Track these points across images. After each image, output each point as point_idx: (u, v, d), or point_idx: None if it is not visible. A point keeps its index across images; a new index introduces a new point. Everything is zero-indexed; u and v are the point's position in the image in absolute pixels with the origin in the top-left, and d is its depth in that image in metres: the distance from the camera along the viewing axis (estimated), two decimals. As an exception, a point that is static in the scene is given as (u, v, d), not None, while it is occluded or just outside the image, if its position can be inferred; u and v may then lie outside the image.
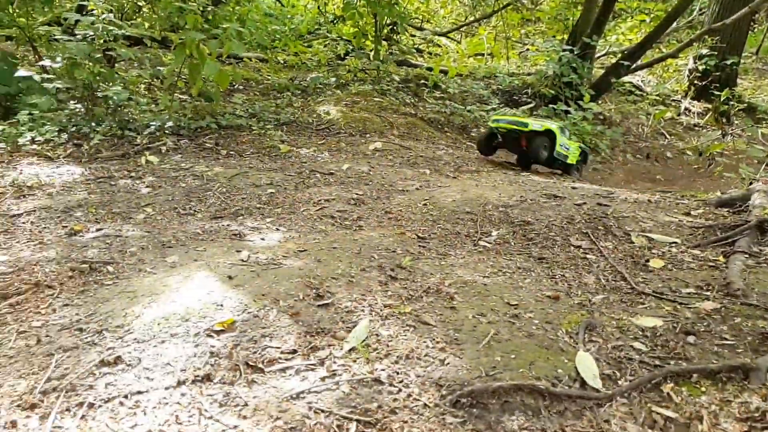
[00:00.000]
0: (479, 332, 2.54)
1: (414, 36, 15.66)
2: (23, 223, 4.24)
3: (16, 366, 2.32)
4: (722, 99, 11.56)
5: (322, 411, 1.99)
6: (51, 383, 2.17)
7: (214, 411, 1.99)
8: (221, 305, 2.70)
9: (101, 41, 7.51)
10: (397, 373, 2.23)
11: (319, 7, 14.41)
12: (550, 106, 10.11)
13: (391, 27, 12.69)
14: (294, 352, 2.37)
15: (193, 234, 4.01)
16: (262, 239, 3.89)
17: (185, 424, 1.93)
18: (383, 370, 2.25)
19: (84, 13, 9.75)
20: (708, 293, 3.01)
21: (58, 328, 2.62)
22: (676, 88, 13.97)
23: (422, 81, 11.26)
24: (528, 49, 15.68)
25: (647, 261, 3.54)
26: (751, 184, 5.16)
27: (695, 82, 13.19)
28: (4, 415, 2.00)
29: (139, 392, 2.10)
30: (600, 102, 11.17)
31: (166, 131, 7.19)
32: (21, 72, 7.72)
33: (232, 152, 6.67)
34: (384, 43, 12.00)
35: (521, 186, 5.41)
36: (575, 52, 10.42)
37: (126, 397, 2.08)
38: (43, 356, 2.38)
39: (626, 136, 11.14)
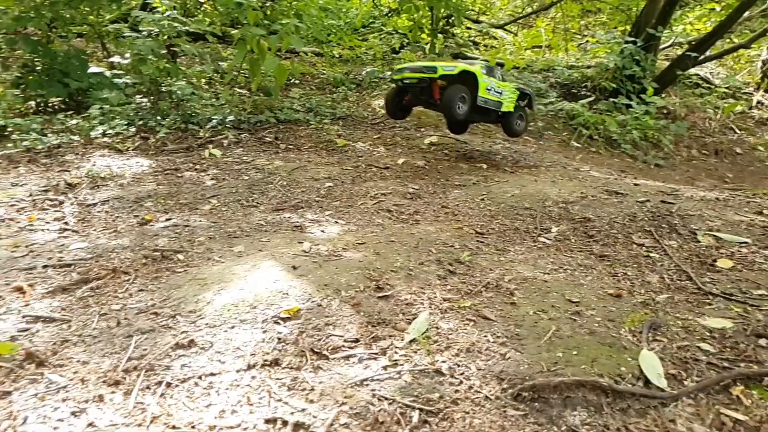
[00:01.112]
0: (540, 328, 2.54)
1: (470, 28, 15.52)
2: (98, 212, 4.50)
3: (99, 345, 2.49)
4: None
5: (386, 398, 2.05)
6: (132, 362, 2.32)
7: (282, 394, 2.08)
8: (287, 294, 2.80)
9: (165, 38, 7.81)
10: (458, 366, 2.26)
11: (373, 1, 14.48)
12: (611, 99, 9.82)
13: (446, 20, 12.63)
14: (356, 341, 2.44)
15: (257, 225, 4.15)
16: (322, 231, 3.99)
17: (256, 405, 2.03)
18: (444, 361, 2.29)
19: (148, 10, 10.18)
20: (781, 295, 2.90)
21: (135, 311, 2.78)
22: (748, 81, 13.29)
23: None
24: (587, 41, 15.27)
25: (715, 261, 3.43)
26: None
27: (769, 73, 12.52)
28: (92, 389, 2.15)
29: (212, 374, 2.22)
30: (664, 95, 10.77)
31: (228, 125, 7.42)
32: (93, 69, 8.13)
33: (290, 146, 6.83)
34: (440, 36, 11.95)
35: (581, 182, 5.31)
36: (639, 44, 10.07)
37: (200, 378, 2.20)
38: (123, 337, 2.54)
39: (692, 130, 10.70)
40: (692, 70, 11.95)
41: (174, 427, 1.93)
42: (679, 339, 2.48)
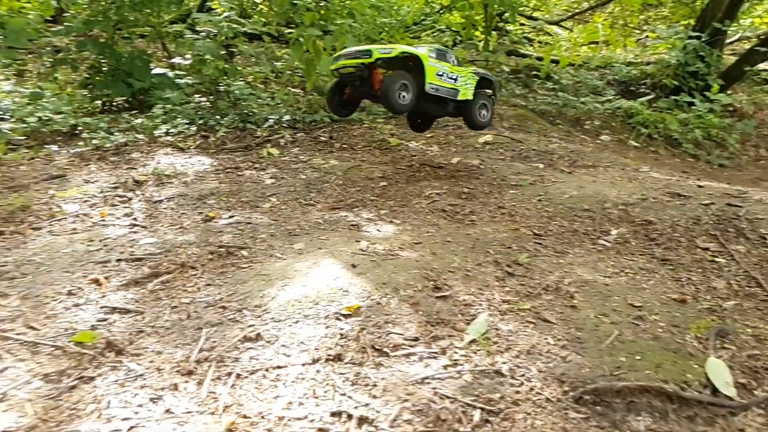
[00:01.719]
0: (601, 332, 2.52)
1: (523, 25, 15.28)
2: (164, 208, 4.71)
3: (172, 336, 2.63)
4: None
5: (447, 397, 2.09)
6: (202, 354, 2.45)
7: (346, 388, 2.15)
8: (347, 291, 2.87)
9: (223, 38, 8.04)
10: (519, 367, 2.28)
11: (425, -3, 14.44)
12: (672, 97, 9.50)
13: (499, 16, 12.48)
14: (416, 339, 2.48)
15: (315, 223, 4.26)
16: (378, 230, 4.05)
17: (321, 398, 2.11)
18: (504, 363, 2.31)
19: (204, 10, 10.51)
20: None
21: (204, 305, 2.91)
22: (822, 76, 12.55)
23: (533, 72, 10.99)
24: (647, 37, 14.78)
25: (787, 267, 3.30)
26: None
27: None
28: (167, 378, 2.28)
29: (279, 367, 2.31)
30: (730, 92, 10.32)
31: (284, 124, 7.59)
32: (157, 70, 8.47)
33: (344, 145, 6.93)
34: (493, 33, 11.83)
35: (642, 183, 5.18)
36: (703, 39, 9.69)
37: (268, 370, 2.29)
38: (194, 329, 2.67)
39: (760, 129, 10.22)
40: (761, 66, 11.40)
41: (245, 417, 2.03)
42: (748, 347, 2.41)
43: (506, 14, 11.90)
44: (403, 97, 4.88)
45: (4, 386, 2.29)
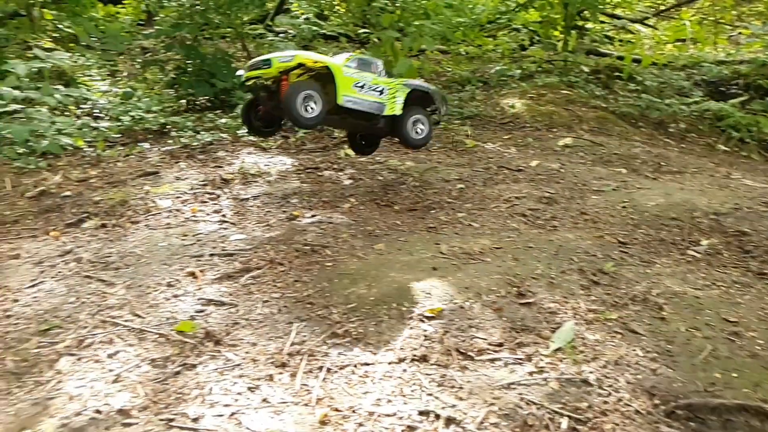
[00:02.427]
0: (694, 346, 2.45)
1: (603, 22, 14.77)
2: (251, 206, 4.92)
3: (265, 329, 2.78)
4: None
5: (534, 403, 2.11)
6: (294, 347, 2.57)
7: (433, 389, 2.21)
8: (429, 294, 2.93)
9: (301, 38, 8.26)
10: (606, 377, 2.26)
11: (500, -5, 14.23)
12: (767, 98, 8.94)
13: (579, 14, 12.13)
14: (500, 345, 2.51)
15: (393, 224, 4.34)
16: (457, 234, 4.08)
17: (408, 397, 2.18)
18: (591, 372, 2.29)
19: (282, 11, 10.86)
20: None
21: (293, 300, 3.05)
22: None
23: (615, 72, 10.61)
24: (740, 34, 13.93)
25: None
26: None
27: None
28: (262, 369, 2.42)
29: (366, 363, 2.40)
30: (833, 93, 9.59)
31: (359, 125, 7.72)
32: (240, 71, 8.83)
33: (418, 146, 6.97)
34: (573, 32, 11.52)
35: (733, 191, 4.94)
36: (804, 37, 9.06)
37: (356, 366, 2.39)
38: (284, 323, 2.81)
39: None
40: None
41: (336, 410, 2.12)
42: None
43: (586, 12, 11.56)
44: (310, 109, 4.36)
45: (118, 368, 2.51)
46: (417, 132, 5.00)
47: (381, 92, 4.76)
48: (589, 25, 13.26)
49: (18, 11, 9.31)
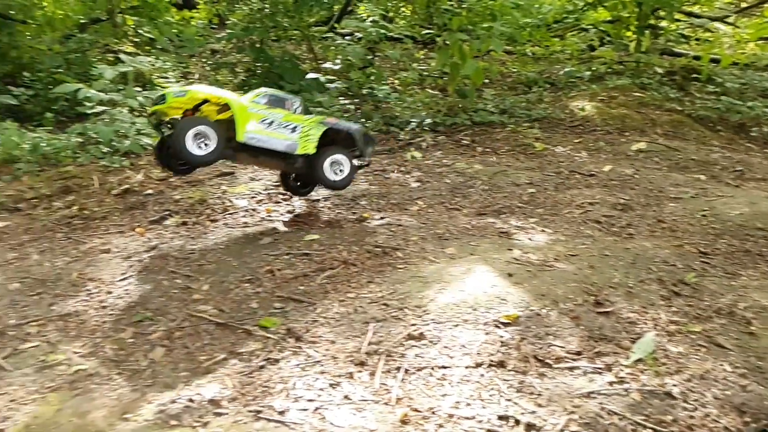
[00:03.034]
0: (786, 364, 2.35)
1: (678, 20, 14.16)
2: (321, 207, 5.06)
3: (342, 328, 2.87)
4: None
5: (615, 413, 2.09)
6: (371, 347, 2.65)
7: (511, 394, 2.23)
8: (504, 300, 2.94)
9: (366, 41, 8.37)
10: (692, 391, 2.21)
11: (568, -6, 13.89)
12: None
13: (653, 13, 11.68)
14: (579, 353, 2.49)
15: (463, 228, 4.35)
16: (530, 239, 4.05)
17: (487, 401, 2.20)
18: (675, 385, 2.25)
19: (347, 13, 11.02)
20: None
21: (367, 301, 3.13)
22: None
23: (692, 73, 10.18)
24: (831, 31, 13.02)
25: None
26: None
27: None
28: (342, 366, 2.51)
29: (444, 367, 2.44)
30: None
31: (425, 127, 7.75)
32: (310, 74, 9.07)
33: (487, 149, 6.95)
34: (646, 32, 11.13)
35: (826, 200, 4.66)
36: None
37: (433, 369, 2.44)
38: (361, 323, 2.89)
39: None
40: None
41: (416, 410, 2.18)
42: None
43: (661, 11, 11.13)
44: (204, 146, 4.06)
45: (206, 360, 2.66)
46: (335, 173, 4.63)
47: (293, 130, 4.49)
48: (664, 23, 12.76)
49: (99, 17, 9.93)
